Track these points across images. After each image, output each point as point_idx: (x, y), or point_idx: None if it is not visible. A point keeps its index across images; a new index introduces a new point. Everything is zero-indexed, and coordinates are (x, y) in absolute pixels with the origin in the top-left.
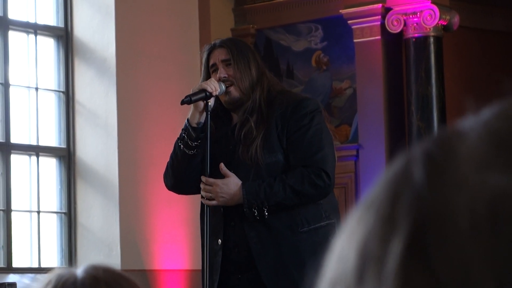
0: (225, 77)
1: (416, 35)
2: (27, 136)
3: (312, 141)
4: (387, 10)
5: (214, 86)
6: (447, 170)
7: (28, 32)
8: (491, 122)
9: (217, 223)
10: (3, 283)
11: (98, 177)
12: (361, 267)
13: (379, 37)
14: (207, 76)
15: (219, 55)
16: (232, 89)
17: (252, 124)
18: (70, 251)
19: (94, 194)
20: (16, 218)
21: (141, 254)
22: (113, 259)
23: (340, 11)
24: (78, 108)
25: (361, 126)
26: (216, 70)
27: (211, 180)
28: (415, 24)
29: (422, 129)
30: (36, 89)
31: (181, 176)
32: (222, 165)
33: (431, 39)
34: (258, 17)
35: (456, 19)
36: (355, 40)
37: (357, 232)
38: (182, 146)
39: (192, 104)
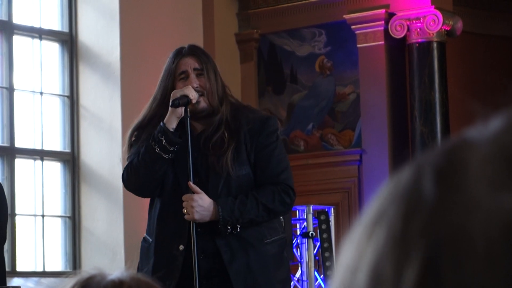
0: (197, 87)
1: (419, 40)
2: (31, 140)
3: (279, 159)
4: (390, 15)
5: (194, 94)
6: (460, 188)
7: (32, 37)
8: (502, 136)
9: (180, 228)
10: (8, 287)
11: (103, 181)
12: None
13: (382, 42)
14: (172, 83)
15: (191, 64)
16: (201, 99)
17: (224, 136)
18: (74, 255)
19: (99, 198)
20: (20, 222)
21: None
22: (117, 263)
23: (344, 16)
24: (82, 112)
25: (364, 131)
26: (185, 78)
27: (185, 196)
28: (418, 29)
29: (425, 134)
30: (41, 93)
31: (149, 178)
32: (190, 183)
33: (435, 44)
34: (262, 22)
35: (459, 24)
36: (358, 45)
37: (368, 250)
38: (158, 149)
39: (170, 109)
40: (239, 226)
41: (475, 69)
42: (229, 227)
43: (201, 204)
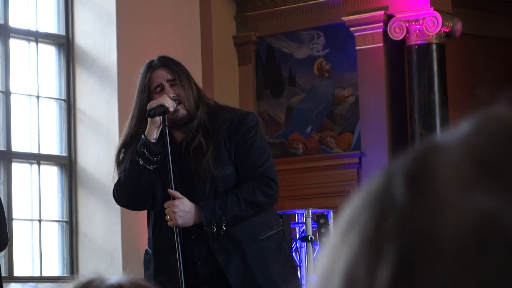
0: (174, 96)
1: (418, 42)
2: (28, 144)
3: (257, 153)
4: (389, 17)
5: (170, 102)
6: (430, 190)
7: (29, 40)
8: (471, 138)
9: (173, 237)
10: None
11: (100, 185)
12: None
13: (381, 44)
14: (148, 97)
15: (164, 76)
16: (179, 107)
17: (202, 139)
18: (72, 260)
19: (96, 202)
20: (17, 227)
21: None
22: (115, 268)
23: (342, 18)
24: (79, 116)
25: (363, 134)
26: (161, 91)
27: (166, 203)
28: (417, 31)
29: (425, 136)
30: (37, 97)
31: (138, 191)
32: (170, 190)
33: (434, 46)
34: (260, 25)
35: (458, 26)
36: (357, 47)
37: (341, 255)
38: (142, 161)
39: (149, 120)
40: (224, 224)
41: (475, 71)
42: (214, 227)
43: (182, 209)
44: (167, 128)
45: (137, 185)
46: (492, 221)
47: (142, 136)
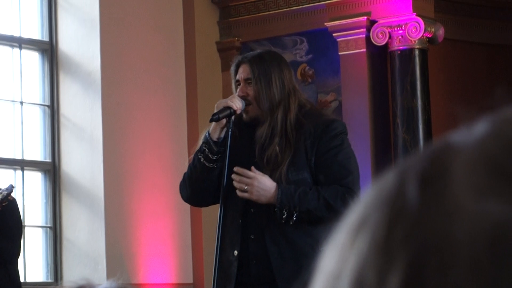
0: (243, 96)
1: (401, 47)
2: (12, 150)
3: (343, 164)
4: (372, 22)
5: (238, 104)
6: (444, 194)
7: (12, 46)
8: (486, 141)
9: (235, 234)
10: None
11: (84, 191)
12: None
13: (364, 49)
14: (235, 89)
15: (243, 73)
16: (249, 108)
17: (277, 149)
18: (56, 266)
19: (80, 208)
20: None
21: (127, 268)
22: (99, 273)
23: (325, 24)
24: (63, 121)
25: None
26: (239, 86)
27: (251, 173)
28: (400, 37)
29: (408, 141)
30: (21, 103)
31: (198, 188)
32: (253, 168)
33: (416, 52)
34: (243, 30)
35: (441, 32)
36: (340, 53)
37: (351, 257)
38: (202, 158)
39: None
40: (295, 214)
41: (457, 76)
42: (285, 212)
43: (263, 184)
44: (230, 130)
45: (197, 181)
46: (506, 229)
47: (206, 134)
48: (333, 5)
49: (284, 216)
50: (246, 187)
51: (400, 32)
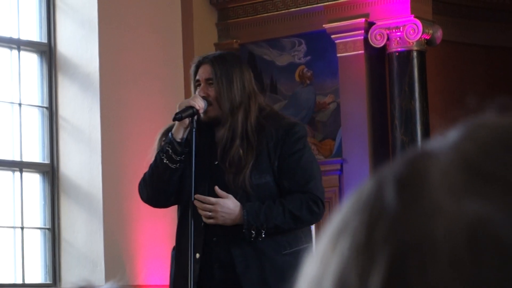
0: (204, 96)
1: (399, 49)
2: (10, 152)
3: (306, 169)
4: (370, 24)
5: (201, 104)
6: (421, 196)
7: (11, 48)
8: (461, 144)
9: (197, 237)
10: None
11: (82, 192)
12: None
13: (362, 51)
14: (195, 89)
15: (204, 73)
16: (210, 109)
17: (240, 152)
18: (54, 267)
19: (78, 209)
20: None
21: (126, 269)
22: (97, 275)
23: (324, 25)
24: (61, 123)
25: (345, 141)
26: (199, 86)
27: (213, 199)
28: (398, 39)
29: (406, 143)
30: (20, 104)
31: (160, 188)
32: (217, 188)
33: (414, 53)
34: (242, 32)
35: (439, 33)
36: (338, 55)
37: (332, 260)
38: (165, 159)
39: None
40: (263, 231)
41: (456, 78)
42: (253, 232)
43: (227, 208)
44: (194, 130)
45: (159, 182)
46: (484, 226)
47: (169, 134)
48: (331, 7)
49: (253, 236)
50: (210, 213)
51: (398, 34)
